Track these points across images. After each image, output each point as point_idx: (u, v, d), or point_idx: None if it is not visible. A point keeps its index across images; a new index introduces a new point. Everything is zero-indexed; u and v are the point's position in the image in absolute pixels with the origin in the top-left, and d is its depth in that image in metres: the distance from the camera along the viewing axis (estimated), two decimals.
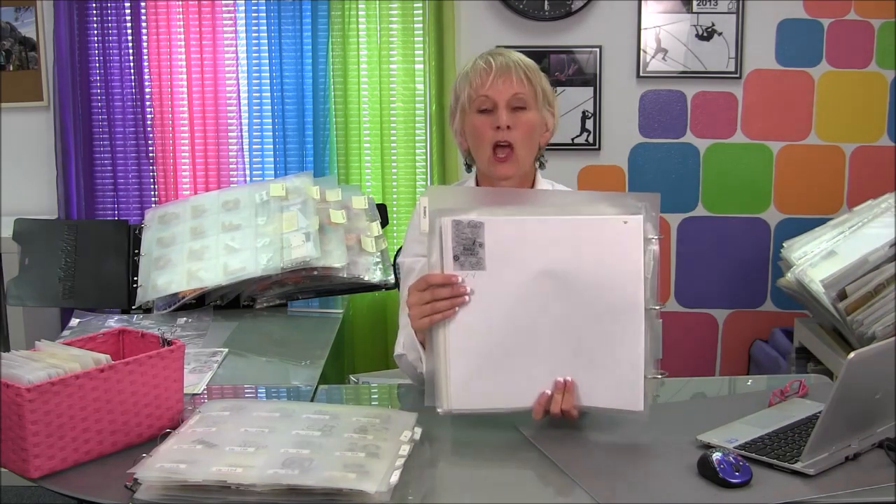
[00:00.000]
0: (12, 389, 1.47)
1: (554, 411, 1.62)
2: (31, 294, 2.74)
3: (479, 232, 1.61)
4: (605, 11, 3.47)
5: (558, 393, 1.62)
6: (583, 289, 1.61)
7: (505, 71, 1.90)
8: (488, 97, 1.91)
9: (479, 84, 1.91)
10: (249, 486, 1.39)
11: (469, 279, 1.61)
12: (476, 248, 1.62)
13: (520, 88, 1.91)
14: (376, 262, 2.77)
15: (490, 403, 1.64)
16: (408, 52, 3.46)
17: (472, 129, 1.95)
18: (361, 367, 3.43)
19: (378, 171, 3.50)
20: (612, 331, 1.62)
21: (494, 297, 1.62)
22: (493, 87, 1.90)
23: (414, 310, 1.63)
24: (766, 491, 1.44)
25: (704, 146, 3.56)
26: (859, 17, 3.45)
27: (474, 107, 1.93)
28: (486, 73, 1.91)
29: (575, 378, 1.62)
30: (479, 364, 1.63)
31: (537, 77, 1.95)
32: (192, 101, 3.47)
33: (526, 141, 1.93)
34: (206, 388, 2.02)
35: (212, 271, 2.67)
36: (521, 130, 1.92)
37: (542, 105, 1.96)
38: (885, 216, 2.82)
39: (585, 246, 1.62)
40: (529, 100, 1.92)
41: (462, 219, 1.61)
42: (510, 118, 1.90)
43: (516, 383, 1.63)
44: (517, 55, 1.96)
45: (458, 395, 1.63)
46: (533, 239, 1.62)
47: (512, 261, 1.62)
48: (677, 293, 3.63)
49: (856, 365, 1.44)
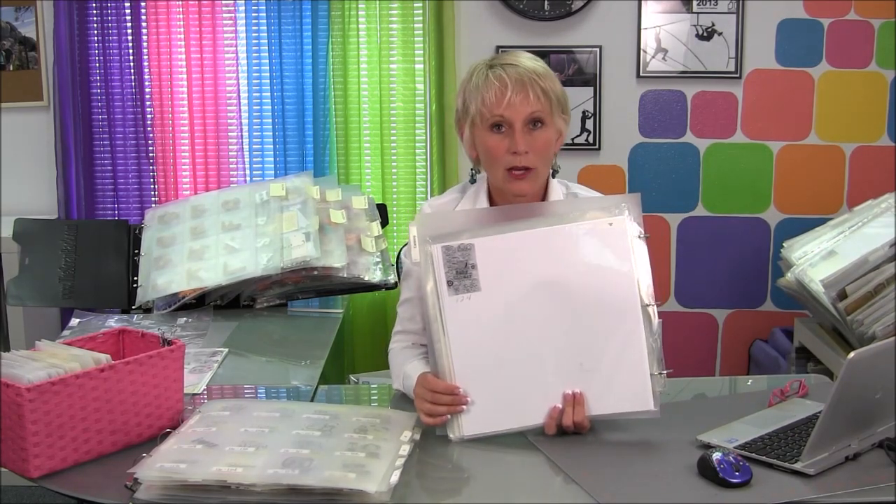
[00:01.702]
0: (12, 389, 1.47)
1: (566, 424, 1.63)
2: (31, 294, 2.74)
3: (470, 254, 1.65)
4: (605, 11, 3.47)
5: (568, 406, 1.63)
6: (578, 294, 1.64)
7: (521, 88, 1.75)
8: (504, 117, 1.76)
9: (492, 103, 1.76)
10: (249, 486, 1.39)
11: (465, 302, 1.64)
12: (469, 271, 1.65)
13: (537, 106, 1.76)
14: (376, 262, 2.77)
15: (501, 425, 1.65)
16: (408, 52, 3.46)
17: (486, 149, 1.81)
18: (361, 367, 3.43)
19: (378, 171, 3.50)
20: (613, 335, 1.63)
21: (493, 316, 1.64)
22: (510, 107, 1.75)
23: (423, 413, 1.68)
24: (766, 491, 1.44)
25: (704, 146, 3.56)
26: (859, 17, 3.45)
27: (487, 124, 1.79)
28: (501, 92, 1.75)
29: (583, 389, 1.63)
30: (486, 387, 1.64)
31: (552, 85, 1.79)
32: (192, 101, 3.47)
33: (543, 160, 1.82)
34: (206, 388, 2.02)
35: (212, 271, 2.67)
36: (539, 151, 1.79)
37: (557, 115, 1.82)
38: (885, 216, 2.82)
39: (575, 252, 1.65)
40: (546, 115, 1.78)
41: (452, 244, 1.65)
42: (527, 141, 1.77)
43: (525, 402, 1.64)
44: (528, 62, 1.80)
45: (469, 421, 1.65)
46: (524, 252, 1.65)
47: (506, 277, 1.64)
48: (677, 293, 3.63)
49: (856, 365, 1.44)
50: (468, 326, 1.64)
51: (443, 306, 1.65)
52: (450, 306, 1.65)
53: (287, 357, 2.41)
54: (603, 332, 1.63)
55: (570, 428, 1.64)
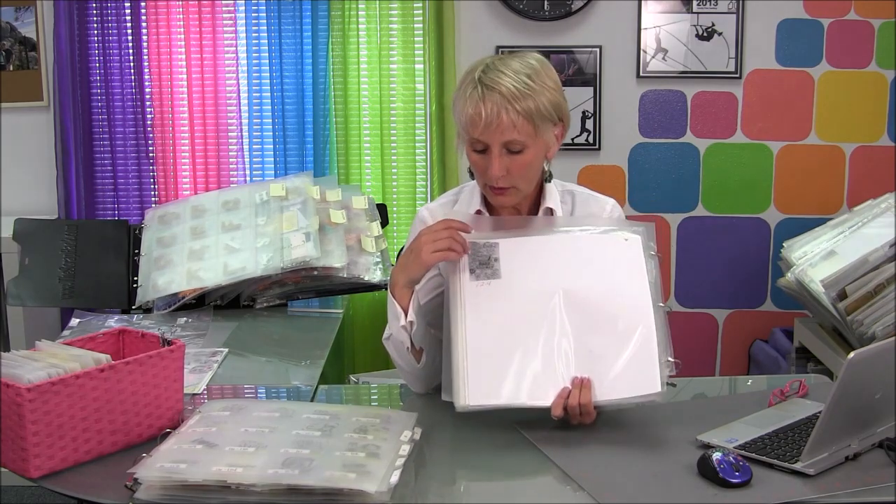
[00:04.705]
0: (12, 389, 1.47)
1: (572, 404, 1.63)
2: (31, 294, 2.74)
3: (494, 250, 1.74)
4: (605, 11, 3.46)
5: (576, 388, 1.64)
6: (594, 290, 1.70)
7: (497, 115, 1.69)
8: (480, 141, 1.73)
9: (471, 124, 1.72)
10: (249, 486, 1.39)
11: (485, 286, 1.71)
12: (492, 262, 1.74)
13: (512, 135, 1.70)
14: (376, 261, 2.77)
15: (508, 399, 1.66)
16: (408, 52, 3.46)
17: (471, 163, 1.80)
18: (361, 367, 3.43)
19: (378, 171, 3.50)
20: (625, 327, 1.67)
21: (511, 301, 1.70)
22: (486, 131, 1.71)
23: (427, 245, 1.70)
24: (766, 491, 1.44)
25: (704, 146, 3.56)
26: (859, 17, 3.45)
27: (468, 142, 1.77)
28: (478, 116, 1.70)
29: (592, 375, 1.65)
30: (497, 362, 1.67)
31: (535, 102, 1.71)
32: (192, 101, 3.47)
33: (525, 176, 1.79)
34: (206, 388, 2.02)
35: (212, 271, 2.67)
36: (517, 172, 1.76)
37: (545, 130, 1.75)
38: (885, 216, 2.82)
39: (592, 256, 1.74)
40: (526, 139, 1.72)
41: (478, 240, 1.74)
42: (503, 164, 1.73)
43: (533, 380, 1.66)
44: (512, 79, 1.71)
45: (476, 391, 1.65)
46: (544, 252, 1.74)
47: (526, 271, 1.72)
48: (677, 293, 3.63)
49: (856, 365, 1.44)
50: (486, 306, 1.70)
51: (463, 289, 1.71)
52: (470, 289, 1.71)
53: (287, 357, 2.41)
54: (614, 325, 1.67)
55: (575, 409, 1.63)
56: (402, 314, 1.76)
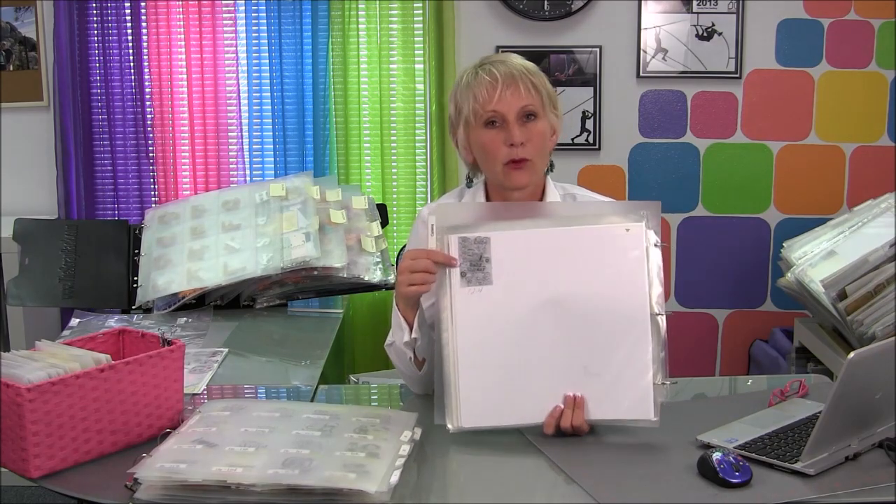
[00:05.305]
0: (12, 389, 1.47)
1: (564, 426, 1.63)
2: (31, 294, 2.74)
3: (485, 247, 1.65)
4: (605, 11, 3.46)
5: (568, 409, 1.63)
6: (589, 298, 1.64)
7: (512, 82, 1.80)
8: (497, 111, 1.80)
9: (485, 99, 1.80)
10: (249, 486, 1.39)
11: (476, 294, 1.64)
12: (482, 264, 1.65)
13: (528, 99, 1.80)
14: (376, 262, 2.77)
15: (500, 420, 1.65)
16: (408, 52, 3.46)
17: (482, 146, 1.84)
18: (361, 367, 3.43)
19: (378, 171, 3.50)
20: (620, 341, 1.63)
21: (502, 311, 1.64)
22: (502, 100, 1.79)
23: (403, 276, 1.68)
24: (766, 491, 1.44)
25: (704, 146, 3.56)
26: (859, 17, 3.45)
27: (481, 121, 1.82)
28: (492, 87, 1.79)
29: (585, 392, 1.63)
30: (488, 380, 1.64)
31: (542, 81, 1.85)
32: (192, 101, 3.47)
33: (540, 151, 1.85)
34: (206, 388, 2.02)
35: (212, 271, 2.67)
36: (535, 142, 1.82)
37: (549, 110, 1.86)
38: (885, 216, 2.82)
39: (590, 255, 1.65)
40: (538, 108, 1.82)
41: (468, 236, 1.66)
42: (522, 132, 1.80)
43: (526, 399, 1.64)
44: (517, 60, 1.86)
45: (469, 412, 1.64)
46: (538, 251, 1.65)
47: (518, 274, 1.65)
48: (677, 293, 3.63)
49: (856, 365, 1.44)
50: (476, 319, 1.64)
51: (453, 296, 1.65)
52: (461, 297, 1.65)
53: (287, 357, 2.41)
54: (610, 338, 1.63)
55: (567, 430, 1.64)
56: (408, 330, 1.76)
